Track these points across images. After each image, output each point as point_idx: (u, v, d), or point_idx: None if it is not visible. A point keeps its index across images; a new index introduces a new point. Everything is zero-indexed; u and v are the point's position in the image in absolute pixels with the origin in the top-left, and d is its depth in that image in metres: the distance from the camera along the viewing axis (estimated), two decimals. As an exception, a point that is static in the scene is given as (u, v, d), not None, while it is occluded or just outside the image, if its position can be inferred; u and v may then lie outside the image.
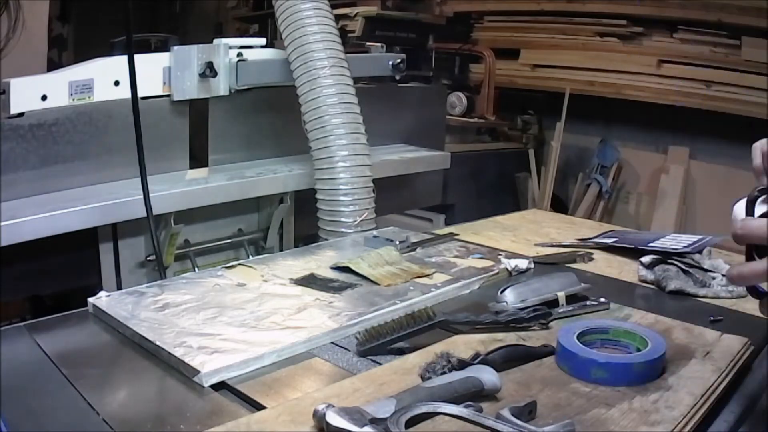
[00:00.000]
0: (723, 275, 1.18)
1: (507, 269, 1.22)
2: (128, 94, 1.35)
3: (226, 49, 1.63)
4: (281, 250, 1.75)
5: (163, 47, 1.69)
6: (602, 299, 1.04)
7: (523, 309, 0.97)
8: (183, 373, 0.83)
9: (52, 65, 3.62)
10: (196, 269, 1.59)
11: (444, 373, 0.77)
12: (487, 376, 0.74)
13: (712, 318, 1.02)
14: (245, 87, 1.69)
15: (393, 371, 0.81)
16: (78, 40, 4.65)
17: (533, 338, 0.92)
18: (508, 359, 0.82)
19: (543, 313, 0.94)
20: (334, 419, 0.64)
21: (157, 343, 0.88)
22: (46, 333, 0.95)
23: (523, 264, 1.23)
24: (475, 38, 3.92)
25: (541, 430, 0.64)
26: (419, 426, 0.67)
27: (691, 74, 3.16)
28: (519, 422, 0.65)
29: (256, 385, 0.81)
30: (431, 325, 0.90)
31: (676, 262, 1.20)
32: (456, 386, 0.73)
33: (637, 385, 0.77)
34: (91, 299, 1.03)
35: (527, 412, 0.69)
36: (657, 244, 1.29)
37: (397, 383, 0.78)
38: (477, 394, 0.73)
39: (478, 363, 0.78)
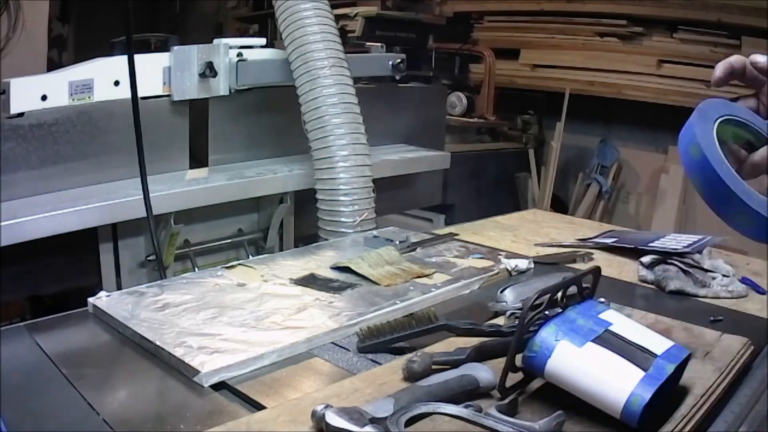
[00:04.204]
0: (723, 275, 1.18)
1: (507, 269, 1.22)
2: (128, 94, 1.35)
3: (226, 49, 1.63)
4: (281, 250, 1.75)
5: (163, 47, 1.69)
6: (602, 299, 1.04)
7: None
8: (183, 373, 0.83)
9: (52, 65, 3.62)
10: (196, 269, 1.59)
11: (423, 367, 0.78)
12: (482, 373, 0.75)
13: (712, 318, 1.02)
14: (245, 87, 1.69)
15: (393, 371, 0.81)
16: (78, 40, 4.64)
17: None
18: (492, 352, 0.83)
19: None
20: (333, 419, 0.64)
21: (157, 343, 0.88)
22: (46, 333, 0.95)
23: (523, 264, 1.23)
24: (475, 38, 3.92)
25: (535, 424, 0.64)
26: (419, 426, 0.67)
27: (691, 74, 3.16)
28: (513, 419, 0.65)
29: (256, 385, 0.81)
30: (432, 328, 0.90)
31: (676, 262, 1.20)
32: (452, 384, 0.73)
33: None
34: (91, 299, 1.03)
35: (512, 408, 0.70)
36: (657, 244, 1.29)
37: (396, 383, 0.78)
38: (473, 392, 0.74)
39: (466, 357, 0.79)
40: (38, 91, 1.39)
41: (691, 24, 3.17)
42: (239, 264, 1.22)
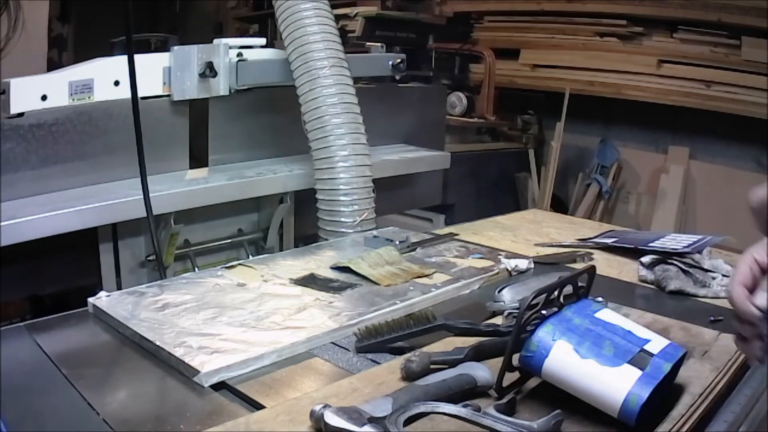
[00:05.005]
0: (723, 275, 1.18)
1: (507, 269, 1.22)
2: (128, 94, 1.35)
3: (226, 49, 1.63)
4: (281, 250, 1.75)
5: (163, 47, 1.69)
6: (600, 298, 1.04)
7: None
8: (183, 373, 0.83)
9: (52, 65, 3.62)
10: (196, 269, 1.59)
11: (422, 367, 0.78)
12: (480, 372, 0.75)
13: (712, 318, 1.02)
14: (245, 87, 1.69)
15: (391, 371, 0.81)
16: (78, 40, 4.64)
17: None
18: (490, 351, 0.83)
19: None
20: (332, 419, 0.65)
21: (157, 343, 0.88)
22: (46, 333, 0.95)
23: (523, 264, 1.23)
24: (475, 38, 3.92)
25: (533, 423, 0.65)
26: (418, 425, 0.67)
27: (691, 74, 3.16)
28: (511, 419, 0.65)
29: (256, 385, 0.81)
30: (430, 328, 0.90)
31: (676, 262, 1.20)
32: (450, 384, 0.73)
33: None
34: (91, 299, 1.03)
35: (509, 407, 0.70)
36: (657, 244, 1.29)
37: (395, 383, 0.78)
38: (471, 391, 0.74)
39: (464, 356, 0.79)
40: (38, 91, 1.39)
41: (691, 24, 3.17)
42: (239, 264, 1.22)
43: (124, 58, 1.35)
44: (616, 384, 0.68)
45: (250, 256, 1.71)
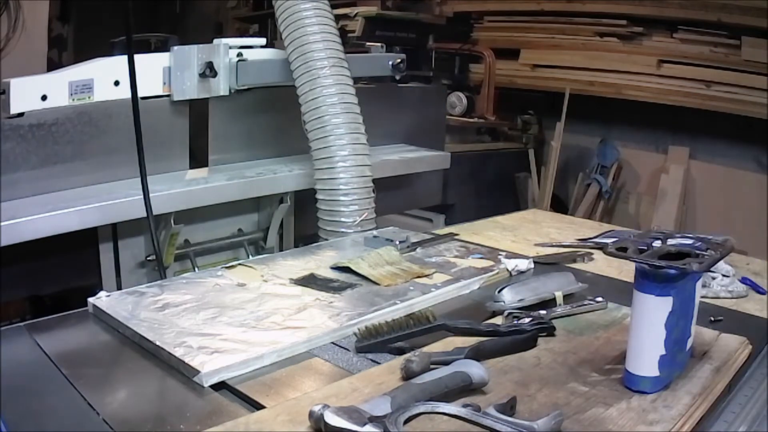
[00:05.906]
0: (723, 275, 1.18)
1: (507, 269, 1.22)
2: (128, 94, 1.35)
3: (226, 49, 1.63)
4: (281, 250, 1.75)
5: (163, 47, 1.69)
6: (599, 298, 1.04)
7: (522, 310, 0.98)
8: (183, 373, 0.83)
9: (52, 65, 3.62)
10: (196, 269, 1.59)
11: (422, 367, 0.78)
12: (474, 370, 0.75)
13: (712, 318, 1.02)
14: (245, 87, 1.69)
15: (391, 371, 0.81)
16: (78, 40, 4.64)
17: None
18: (489, 351, 0.83)
19: (547, 327, 0.93)
20: (333, 419, 0.65)
21: (157, 343, 0.88)
22: (46, 333, 0.95)
23: (523, 264, 1.23)
24: (475, 38, 3.92)
25: (534, 423, 0.65)
26: (418, 425, 0.67)
27: (691, 74, 3.16)
28: (511, 419, 0.66)
29: (256, 385, 0.81)
30: (430, 328, 0.90)
31: (675, 262, 1.20)
32: (446, 381, 0.73)
33: None
34: (91, 299, 1.03)
35: (509, 407, 0.70)
36: (657, 244, 1.29)
37: (395, 383, 0.78)
38: (466, 388, 0.74)
39: (464, 357, 0.79)
40: (38, 91, 1.39)
41: (691, 24, 3.17)
42: (239, 264, 1.22)
43: (124, 58, 1.35)
44: None
45: (250, 256, 1.71)
